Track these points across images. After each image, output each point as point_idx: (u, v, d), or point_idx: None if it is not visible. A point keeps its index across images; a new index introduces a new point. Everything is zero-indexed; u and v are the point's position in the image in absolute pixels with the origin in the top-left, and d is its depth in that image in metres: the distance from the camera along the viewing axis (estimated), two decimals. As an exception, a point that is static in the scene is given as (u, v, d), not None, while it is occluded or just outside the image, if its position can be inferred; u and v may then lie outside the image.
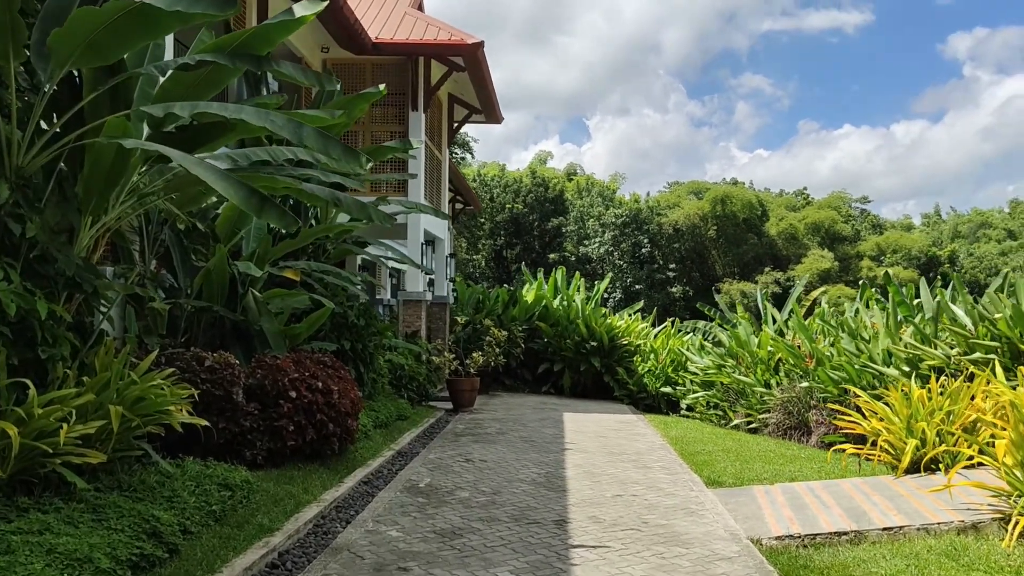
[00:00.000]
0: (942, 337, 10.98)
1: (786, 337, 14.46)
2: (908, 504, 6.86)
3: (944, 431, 7.81)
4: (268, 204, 5.02)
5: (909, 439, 7.79)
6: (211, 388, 7.50)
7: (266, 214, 5.00)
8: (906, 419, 8.01)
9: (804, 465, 9.25)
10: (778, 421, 12.96)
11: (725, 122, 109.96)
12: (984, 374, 8.20)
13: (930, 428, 7.71)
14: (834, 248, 69.53)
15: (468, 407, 14.57)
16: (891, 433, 8.01)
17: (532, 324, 19.17)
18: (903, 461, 7.74)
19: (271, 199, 5.06)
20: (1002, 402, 7.68)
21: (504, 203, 62.39)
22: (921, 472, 7.84)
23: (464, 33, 14.87)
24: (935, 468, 7.79)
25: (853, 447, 8.51)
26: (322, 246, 11.93)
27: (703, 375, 15.40)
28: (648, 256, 63.60)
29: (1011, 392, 6.79)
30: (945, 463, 7.66)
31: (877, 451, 8.27)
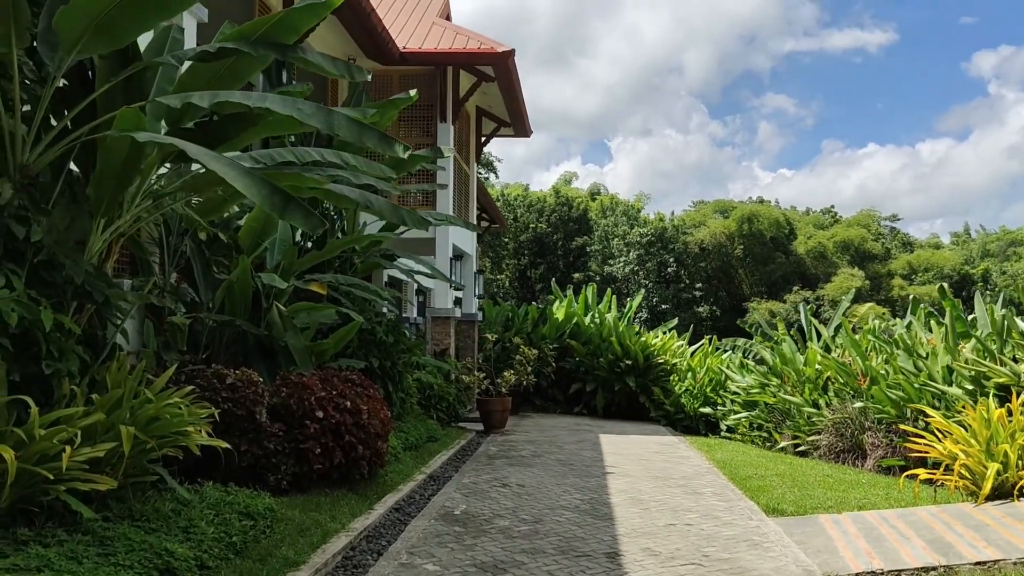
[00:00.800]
0: (1007, 353, 10.26)
1: (832, 355, 13.74)
2: (998, 535, 6.17)
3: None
4: (293, 204, 4.51)
5: (990, 463, 7.10)
6: (232, 407, 6.99)
7: (290, 214, 4.49)
8: (985, 441, 7.31)
9: (869, 491, 8.55)
10: (830, 443, 12.23)
11: (748, 142, 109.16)
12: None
13: (1012, 450, 7.01)
14: (864, 267, 68.36)
15: (500, 428, 13.97)
16: (969, 457, 7.32)
17: (563, 342, 18.57)
18: (984, 487, 7.05)
19: (296, 198, 4.55)
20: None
21: (528, 223, 62.00)
22: (1005, 499, 7.14)
23: (494, 42, 14.43)
24: (1021, 494, 7.08)
25: (926, 472, 7.81)
26: (349, 259, 11.45)
27: (745, 395, 14.70)
28: (674, 275, 62.83)
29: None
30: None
31: (954, 477, 7.57)
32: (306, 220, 4.53)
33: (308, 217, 4.54)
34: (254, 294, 8.62)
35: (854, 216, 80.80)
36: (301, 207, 4.52)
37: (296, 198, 4.54)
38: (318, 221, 4.61)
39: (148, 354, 6.52)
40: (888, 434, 11.56)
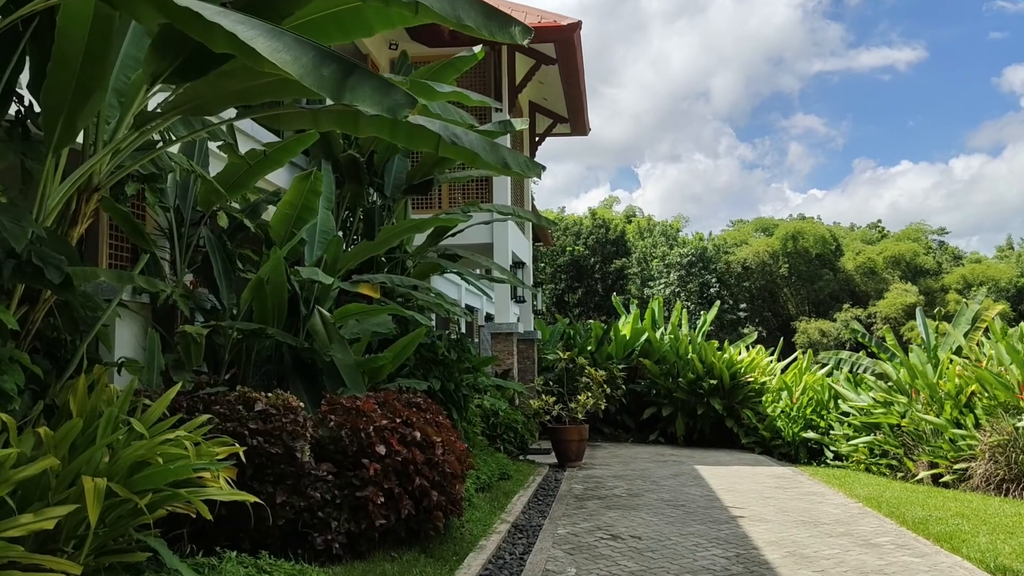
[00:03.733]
0: None
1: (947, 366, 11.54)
2: None
3: None
4: (356, 73, 2.62)
5: None
6: (264, 443, 5.07)
7: (353, 90, 2.60)
8: None
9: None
10: (987, 472, 10.02)
11: (778, 164, 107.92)
12: None
13: None
14: (916, 282, 65.56)
15: (576, 461, 11.91)
16: None
17: (632, 362, 16.50)
18: None
19: (358, 65, 2.65)
20: None
21: (564, 246, 60.27)
22: None
23: (556, 15, 12.60)
24: None
25: None
26: (400, 261, 9.56)
27: (863, 416, 12.48)
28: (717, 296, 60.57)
29: None
30: None
31: None
32: (380, 96, 2.63)
33: (383, 92, 2.64)
34: (290, 297, 6.75)
35: (903, 231, 78.10)
36: (369, 76, 2.62)
37: (359, 64, 2.64)
38: (401, 101, 2.70)
39: (135, 366, 4.59)
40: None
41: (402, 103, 2.75)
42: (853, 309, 60.82)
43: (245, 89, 3.54)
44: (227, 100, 3.67)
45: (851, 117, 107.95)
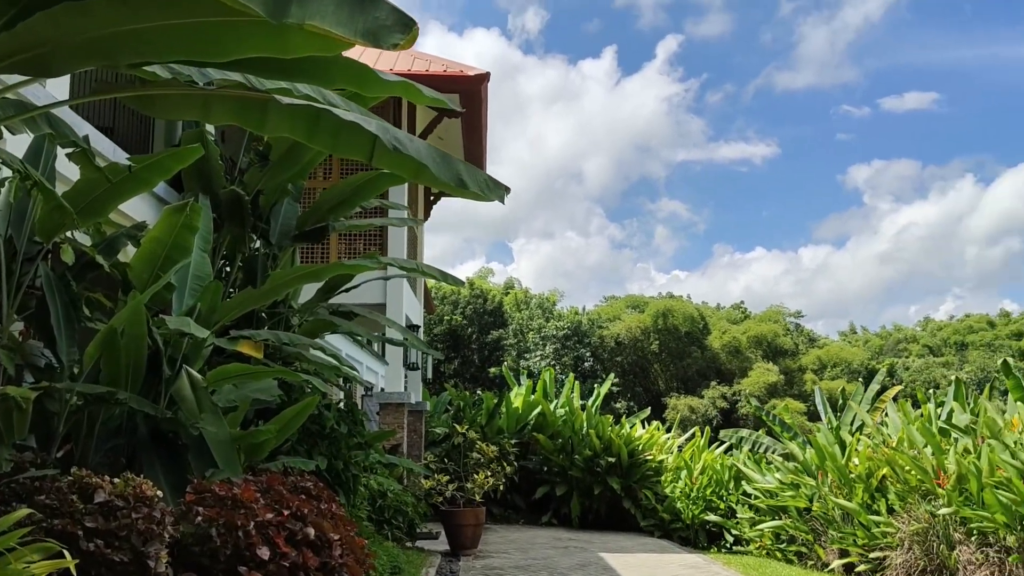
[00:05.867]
0: None
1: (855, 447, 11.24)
2: None
3: None
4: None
5: None
6: (105, 547, 3.75)
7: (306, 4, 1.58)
8: None
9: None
10: (907, 562, 9.56)
11: (645, 244, 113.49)
12: None
13: None
14: (776, 361, 68.27)
15: (471, 548, 10.72)
16: None
17: (524, 436, 15.52)
18: None
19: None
20: None
21: (442, 315, 59.32)
22: None
23: (463, 64, 11.90)
24: None
25: None
26: (284, 318, 8.30)
27: (768, 498, 11.94)
28: (591, 370, 60.96)
29: None
30: None
31: None
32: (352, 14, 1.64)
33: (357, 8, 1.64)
34: (150, 354, 5.42)
35: (764, 312, 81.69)
36: None
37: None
38: (388, 16, 1.70)
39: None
40: (984, 548, 9.00)
41: (388, 25, 1.77)
42: (720, 387, 62.47)
43: (111, 38, 2.45)
44: (81, 53, 2.55)
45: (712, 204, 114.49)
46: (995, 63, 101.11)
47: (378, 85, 3.36)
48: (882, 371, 15.48)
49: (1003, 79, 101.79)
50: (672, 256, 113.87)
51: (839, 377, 68.08)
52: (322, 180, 12.19)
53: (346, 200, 8.11)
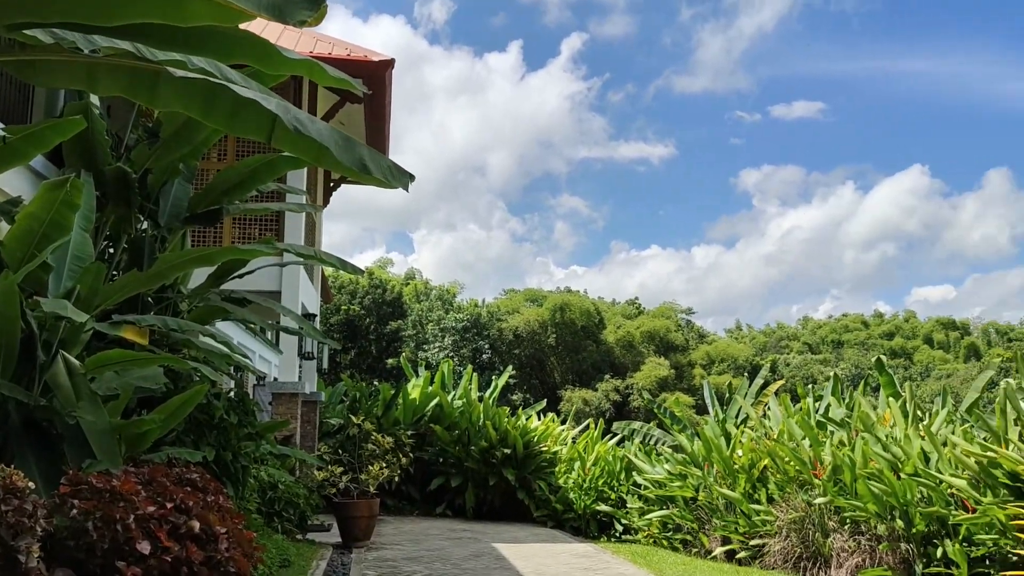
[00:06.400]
0: (1012, 438, 8.58)
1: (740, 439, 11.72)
2: None
3: None
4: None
5: None
6: (-33, 543, 3.50)
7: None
8: None
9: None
10: (784, 548, 10.01)
11: (545, 239, 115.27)
12: None
13: None
14: (668, 356, 70.41)
15: (364, 540, 10.58)
16: None
17: (421, 428, 15.44)
18: None
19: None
20: None
21: (340, 304, 58.38)
22: None
23: (367, 49, 11.70)
24: None
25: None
26: (172, 304, 7.97)
27: (657, 489, 12.28)
28: (489, 362, 61.35)
29: None
30: None
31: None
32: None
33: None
34: (23, 338, 5.11)
35: (657, 308, 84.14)
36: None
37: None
38: None
39: None
40: (857, 536, 9.52)
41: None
42: (613, 380, 63.95)
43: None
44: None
45: (611, 202, 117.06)
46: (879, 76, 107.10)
47: (280, 62, 3.25)
48: (765, 367, 16.17)
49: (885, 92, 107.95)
50: (571, 251, 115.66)
51: (726, 372, 70.85)
52: (217, 161, 11.75)
53: (242, 182, 7.84)
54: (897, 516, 8.81)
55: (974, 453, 8.36)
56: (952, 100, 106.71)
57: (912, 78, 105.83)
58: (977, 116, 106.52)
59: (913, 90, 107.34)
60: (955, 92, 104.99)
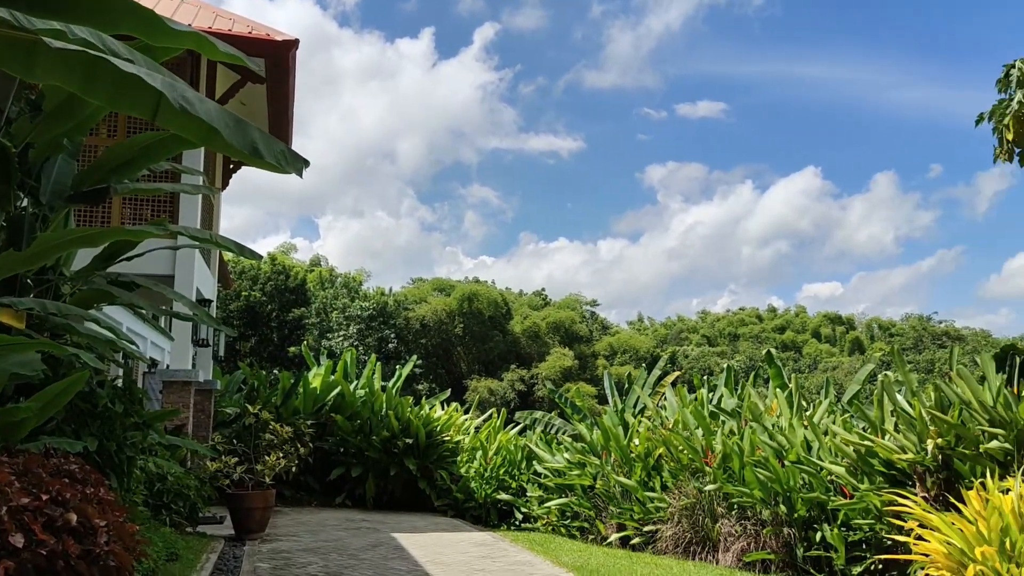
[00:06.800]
0: (887, 428, 9.09)
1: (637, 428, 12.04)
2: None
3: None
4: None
5: (1022, 569, 5.39)
6: None
7: None
8: (998, 537, 5.63)
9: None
10: (676, 534, 10.33)
11: (454, 229, 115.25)
12: None
13: (1053, 550, 5.38)
14: (572, 347, 71.56)
15: (258, 532, 10.36)
16: (985, 560, 5.56)
17: (321, 417, 15.20)
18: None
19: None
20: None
21: (240, 290, 56.79)
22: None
23: (270, 28, 11.38)
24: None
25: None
26: (53, 286, 7.58)
27: (557, 477, 12.47)
28: (395, 351, 60.93)
29: None
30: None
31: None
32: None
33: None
34: None
35: (563, 300, 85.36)
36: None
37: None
38: None
39: None
40: (743, 521, 9.92)
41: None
42: (519, 370, 64.59)
43: None
44: None
45: (520, 193, 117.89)
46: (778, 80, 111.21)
47: (166, 34, 3.13)
48: (664, 358, 16.60)
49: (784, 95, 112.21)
50: (480, 241, 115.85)
51: (628, 363, 72.58)
52: (107, 137, 11.23)
53: (132, 161, 7.49)
54: (781, 502, 9.21)
55: (853, 442, 8.81)
56: (844, 105, 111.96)
57: (808, 83, 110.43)
58: (867, 121, 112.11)
59: (809, 94, 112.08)
60: (847, 98, 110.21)
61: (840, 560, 8.44)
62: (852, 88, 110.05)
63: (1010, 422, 7.64)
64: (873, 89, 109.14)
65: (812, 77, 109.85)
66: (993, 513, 5.69)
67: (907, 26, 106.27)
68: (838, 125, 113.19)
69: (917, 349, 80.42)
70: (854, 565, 8.37)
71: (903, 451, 8.29)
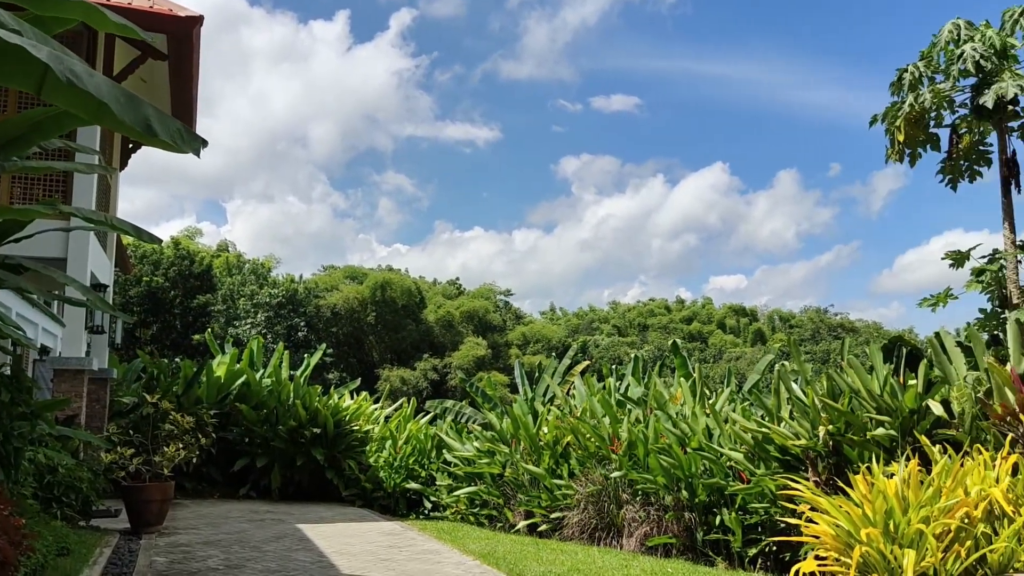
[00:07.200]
0: (783, 415, 9.46)
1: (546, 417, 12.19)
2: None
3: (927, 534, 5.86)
4: None
5: (905, 550, 5.69)
6: None
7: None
8: (883, 519, 5.94)
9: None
10: (582, 520, 10.50)
11: (368, 216, 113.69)
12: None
13: (930, 529, 5.69)
14: (486, 336, 71.86)
15: (156, 525, 10.02)
16: (871, 541, 5.85)
17: (226, 407, 14.79)
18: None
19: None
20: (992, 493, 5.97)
21: (141, 275, 54.76)
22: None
23: (173, 3, 10.95)
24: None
25: (819, 565, 6.20)
26: (-67, 269, 7.12)
27: (466, 466, 12.50)
28: (305, 340, 59.88)
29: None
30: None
31: (841, 567, 6.05)
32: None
33: None
34: None
35: (477, 289, 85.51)
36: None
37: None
38: None
39: None
40: (647, 507, 10.17)
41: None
42: (432, 359, 64.44)
43: None
44: None
45: (436, 181, 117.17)
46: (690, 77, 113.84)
47: (50, 3, 2.96)
48: (575, 347, 16.83)
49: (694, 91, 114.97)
50: (395, 229, 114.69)
51: (540, 352, 73.32)
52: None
53: (21, 137, 7.07)
54: (683, 487, 9.48)
55: (751, 429, 9.14)
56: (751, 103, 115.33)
57: (718, 81, 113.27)
58: (772, 120, 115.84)
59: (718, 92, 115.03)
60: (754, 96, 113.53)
61: (737, 543, 8.75)
62: (759, 87, 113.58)
63: (895, 410, 8.06)
64: (779, 89, 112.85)
65: (722, 75, 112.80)
66: (878, 496, 5.99)
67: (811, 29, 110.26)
68: (745, 122, 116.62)
69: (815, 340, 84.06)
70: (750, 547, 8.69)
71: (797, 437, 8.65)
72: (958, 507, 5.84)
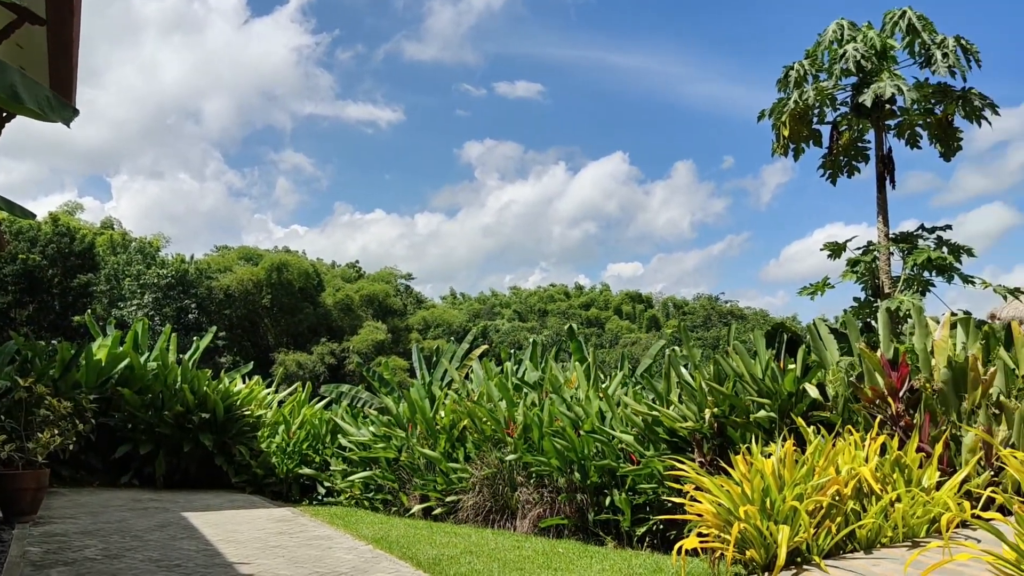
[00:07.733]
0: (672, 399, 9.77)
1: (443, 401, 12.23)
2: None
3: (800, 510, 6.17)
4: None
5: (780, 526, 5.97)
6: None
7: None
8: (760, 497, 6.21)
9: (610, 565, 6.96)
10: (477, 503, 10.58)
11: (265, 195, 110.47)
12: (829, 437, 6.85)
13: (803, 506, 5.99)
14: (386, 320, 71.30)
15: (30, 515, 9.50)
16: (748, 518, 6.11)
17: (107, 391, 14.14)
18: (780, 554, 5.86)
19: None
20: (860, 471, 6.34)
21: (17, 252, 51.70)
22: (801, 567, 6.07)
23: (53, -35, 10.28)
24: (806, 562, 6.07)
25: (701, 541, 6.42)
26: None
27: (362, 451, 12.37)
28: (195, 322, 57.95)
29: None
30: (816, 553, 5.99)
31: (721, 544, 6.30)
32: None
33: None
34: None
35: (377, 273, 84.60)
36: None
37: None
38: None
39: None
40: (541, 489, 10.33)
41: None
42: (330, 343, 63.42)
43: None
44: None
45: (337, 162, 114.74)
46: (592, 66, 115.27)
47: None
48: (474, 331, 16.87)
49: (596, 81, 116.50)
50: (293, 210, 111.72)
51: (441, 337, 73.24)
52: None
53: None
54: (576, 469, 9.67)
55: (641, 412, 9.40)
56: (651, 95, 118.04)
57: (619, 71, 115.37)
58: (670, 112, 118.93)
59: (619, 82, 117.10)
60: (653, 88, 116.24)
61: (626, 522, 9.00)
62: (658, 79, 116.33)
63: (775, 393, 8.44)
64: (677, 81, 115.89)
65: (623, 66, 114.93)
66: (756, 475, 6.27)
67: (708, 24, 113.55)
68: (645, 113, 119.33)
69: (706, 327, 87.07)
70: (638, 527, 8.95)
71: (685, 420, 8.95)
72: (829, 485, 6.17)
